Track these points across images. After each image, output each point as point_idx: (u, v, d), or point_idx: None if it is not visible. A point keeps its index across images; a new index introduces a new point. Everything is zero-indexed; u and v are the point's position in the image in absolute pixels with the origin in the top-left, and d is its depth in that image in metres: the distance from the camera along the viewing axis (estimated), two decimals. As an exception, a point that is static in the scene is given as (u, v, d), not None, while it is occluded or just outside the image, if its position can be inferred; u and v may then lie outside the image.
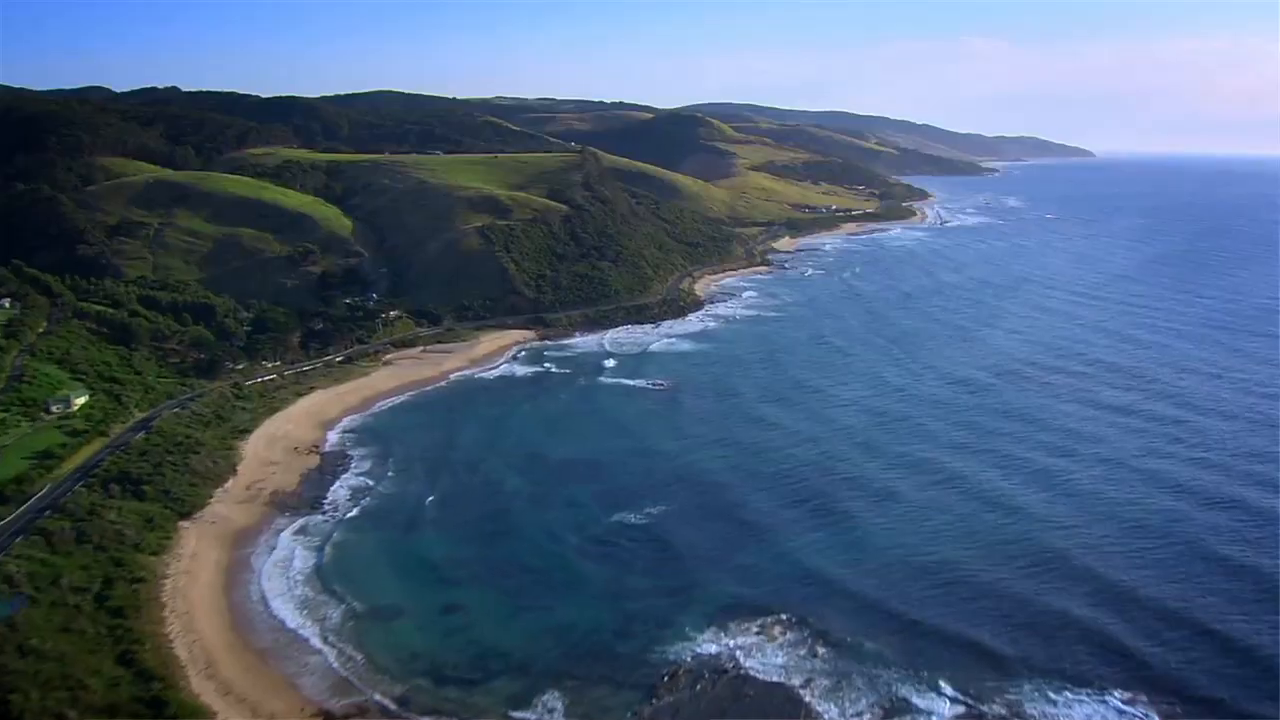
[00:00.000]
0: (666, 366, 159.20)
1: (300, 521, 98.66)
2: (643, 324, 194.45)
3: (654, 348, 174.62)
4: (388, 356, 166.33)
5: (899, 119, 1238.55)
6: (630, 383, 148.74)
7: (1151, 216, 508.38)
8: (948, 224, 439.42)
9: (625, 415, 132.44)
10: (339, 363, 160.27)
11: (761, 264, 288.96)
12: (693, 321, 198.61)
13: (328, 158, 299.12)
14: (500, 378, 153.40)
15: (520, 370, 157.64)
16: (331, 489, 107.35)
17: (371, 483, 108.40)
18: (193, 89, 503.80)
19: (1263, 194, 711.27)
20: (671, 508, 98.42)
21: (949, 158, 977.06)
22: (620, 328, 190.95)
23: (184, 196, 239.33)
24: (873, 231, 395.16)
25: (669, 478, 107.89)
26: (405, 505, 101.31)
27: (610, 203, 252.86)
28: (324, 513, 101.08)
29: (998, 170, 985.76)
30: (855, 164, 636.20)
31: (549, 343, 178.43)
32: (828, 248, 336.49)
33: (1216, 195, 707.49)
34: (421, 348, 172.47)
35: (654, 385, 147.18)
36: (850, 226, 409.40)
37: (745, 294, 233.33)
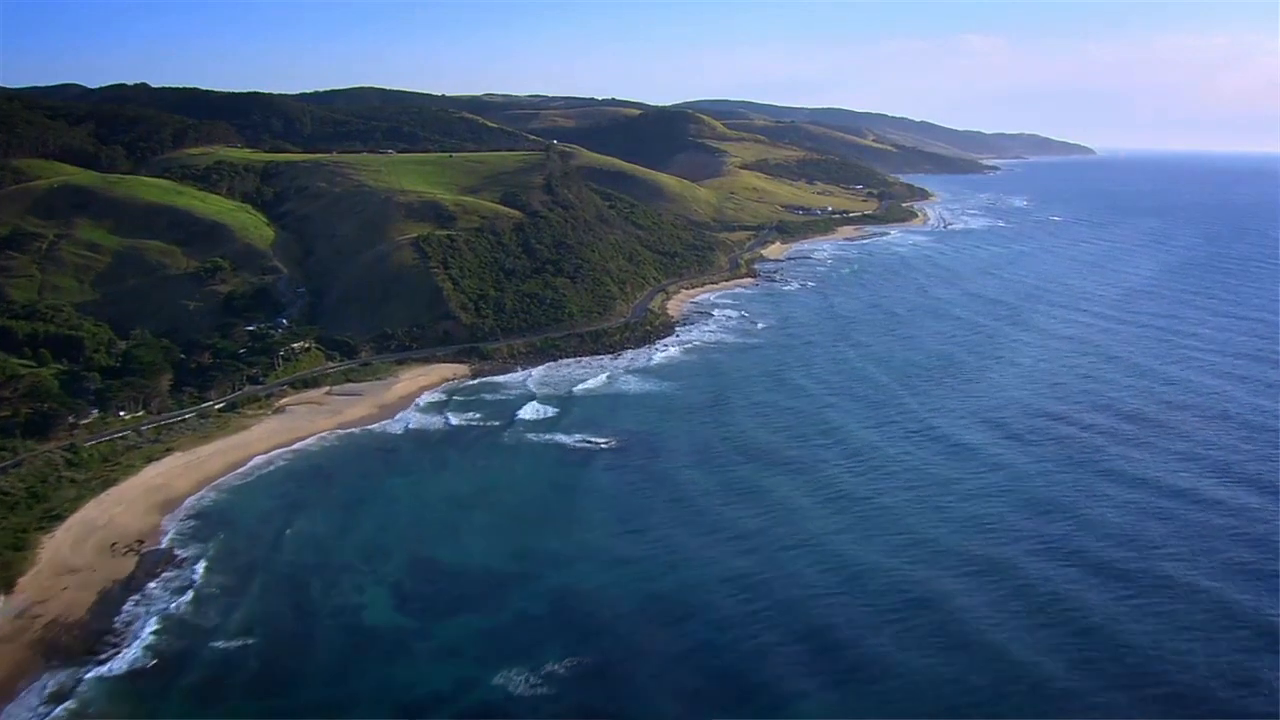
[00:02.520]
0: (614, 417, 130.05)
1: (59, 680, 70.09)
2: (599, 354, 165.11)
3: (605, 388, 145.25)
4: (282, 401, 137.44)
5: (898, 116, 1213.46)
6: (566, 440, 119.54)
7: (1162, 217, 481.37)
8: (951, 227, 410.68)
9: (546, 496, 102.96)
10: (219, 411, 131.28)
11: (747, 275, 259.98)
12: (658, 351, 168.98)
13: (266, 158, 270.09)
14: (410, 431, 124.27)
15: (434, 421, 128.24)
16: (128, 617, 78.71)
17: (187, 608, 79.73)
18: (161, 85, 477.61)
19: (1271, 193, 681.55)
20: (569, 668, 69.56)
21: (949, 155, 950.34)
22: (571, 359, 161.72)
23: (88, 203, 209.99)
24: (871, 236, 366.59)
25: (577, 613, 78.34)
26: (214, 652, 72.59)
27: (574, 207, 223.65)
28: (101, 661, 72.39)
29: (999, 168, 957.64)
30: (853, 162, 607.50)
31: (482, 380, 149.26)
32: (821, 255, 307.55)
33: (1226, 195, 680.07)
34: (326, 388, 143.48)
35: (593, 444, 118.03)
36: (847, 230, 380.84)
37: (724, 313, 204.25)
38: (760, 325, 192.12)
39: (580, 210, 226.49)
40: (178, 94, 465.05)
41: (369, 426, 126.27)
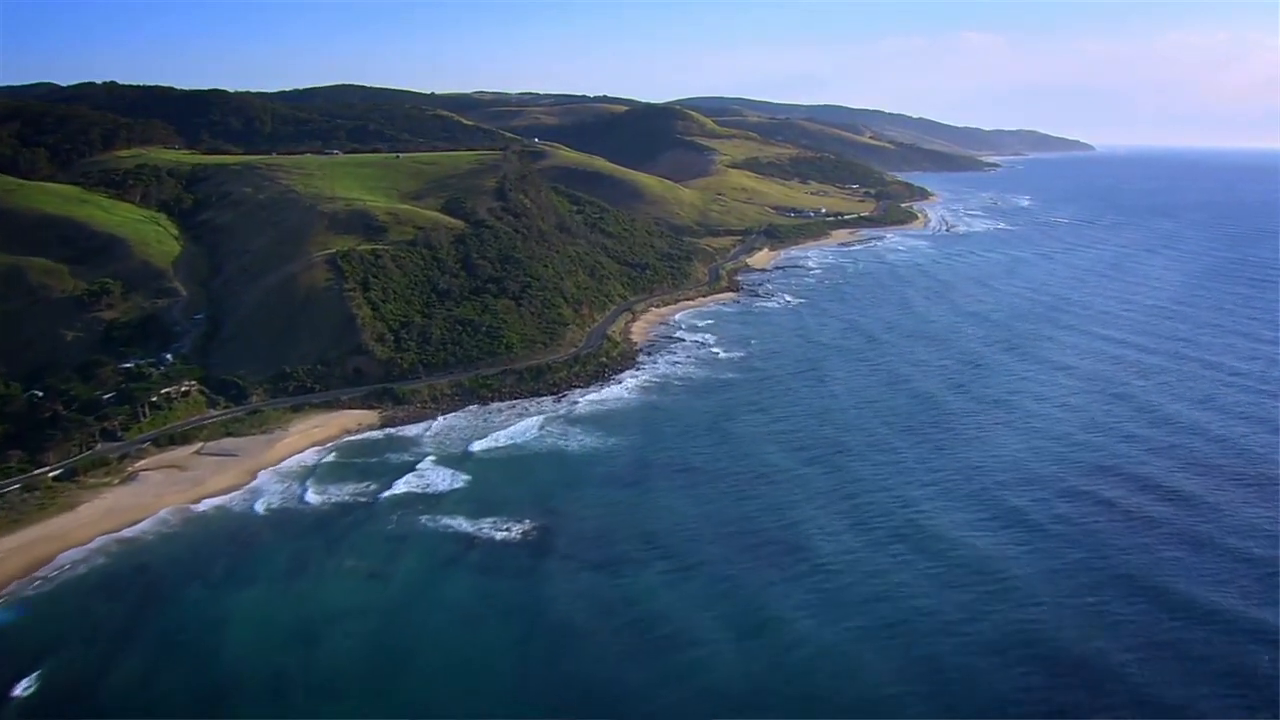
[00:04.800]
0: (531, 489, 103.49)
1: None
2: (539, 395, 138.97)
3: (535, 443, 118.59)
4: (138, 464, 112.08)
5: (895, 113, 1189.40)
6: (464, 527, 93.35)
7: (1174, 218, 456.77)
8: (954, 229, 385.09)
9: (411, 632, 75.62)
10: (53, 479, 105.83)
11: (728, 288, 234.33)
12: (610, 389, 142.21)
13: (196, 160, 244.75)
14: (274, 512, 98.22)
15: (309, 496, 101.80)
16: None
17: None
18: (132, 83, 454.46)
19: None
20: None
21: (948, 153, 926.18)
22: (504, 403, 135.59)
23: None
24: (868, 240, 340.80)
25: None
26: None
27: (527, 215, 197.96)
28: None
29: (999, 165, 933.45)
30: (849, 160, 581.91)
31: (389, 431, 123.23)
32: (812, 264, 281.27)
33: (1235, 193, 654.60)
34: (199, 445, 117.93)
35: (494, 534, 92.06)
36: (842, 234, 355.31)
37: (696, 338, 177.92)
38: (734, 355, 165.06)
39: (536, 218, 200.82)
40: (140, 92, 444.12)
41: (229, 501, 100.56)
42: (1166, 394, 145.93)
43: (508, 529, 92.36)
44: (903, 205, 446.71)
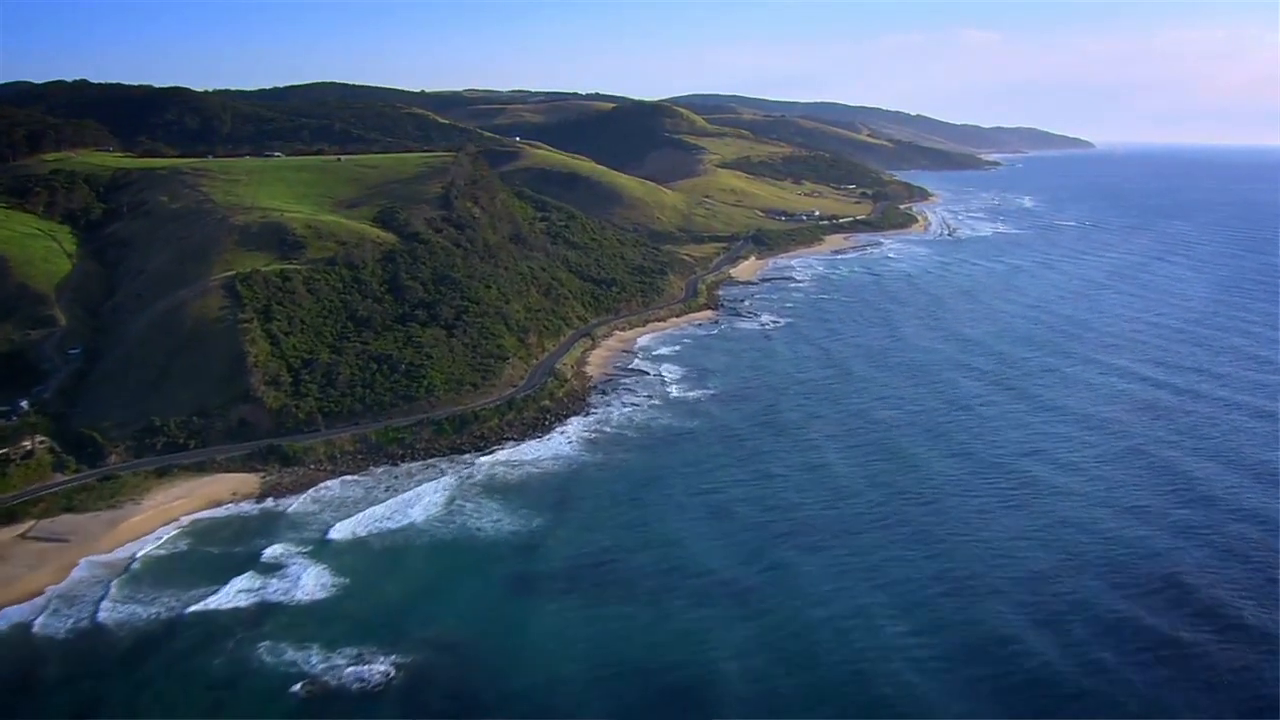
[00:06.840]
0: (419, 605, 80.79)
1: None
2: (461, 452, 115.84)
3: (437, 526, 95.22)
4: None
5: (893, 110, 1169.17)
6: (318, 666, 70.17)
7: (1186, 219, 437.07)
8: (956, 233, 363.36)
9: None
10: None
11: (706, 305, 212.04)
12: (550, 444, 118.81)
13: (119, 163, 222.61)
14: (77, 633, 75.83)
15: (128, 608, 78.97)
16: None
17: None
18: (107, 81, 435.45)
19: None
20: None
21: (946, 150, 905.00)
22: (418, 463, 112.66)
23: None
24: (864, 247, 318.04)
25: None
26: None
27: (473, 226, 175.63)
28: None
29: (999, 163, 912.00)
30: (846, 158, 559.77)
31: (268, 504, 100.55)
32: (801, 276, 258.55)
33: (1244, 192, 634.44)
34: (29, 525, 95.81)
35: (360, 673, 69.49)
36: (836, 239, 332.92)
37: (660, 370, 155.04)
38: (696, 395, 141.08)
39: (484, 229, 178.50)
40: (101, 90, 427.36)
41: (30, 613, 78.34)
42: (1199, 452, 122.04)
43: (368, 669, 69.68)
44: (901, 207, 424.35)
